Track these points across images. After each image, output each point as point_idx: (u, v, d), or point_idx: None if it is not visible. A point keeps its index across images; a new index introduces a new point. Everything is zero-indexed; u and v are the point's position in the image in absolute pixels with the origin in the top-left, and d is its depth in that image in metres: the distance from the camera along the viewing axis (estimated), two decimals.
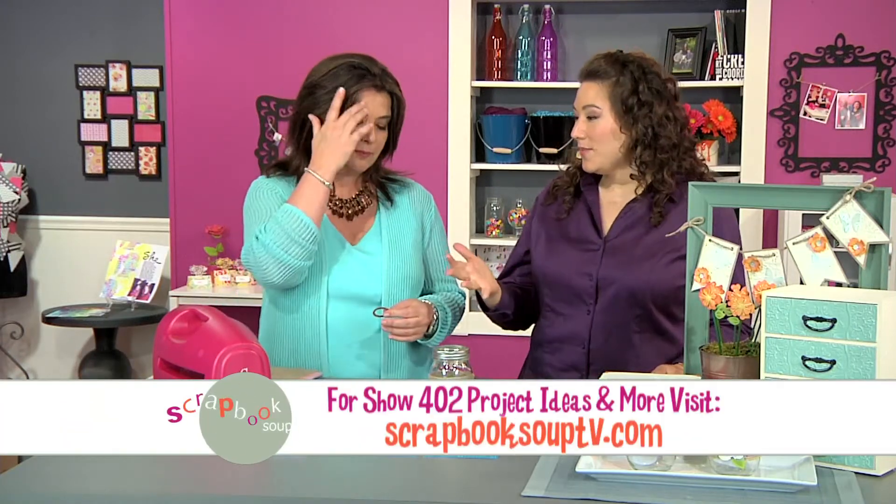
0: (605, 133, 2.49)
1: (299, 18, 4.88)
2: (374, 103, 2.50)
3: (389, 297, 2.57)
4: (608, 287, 2.50)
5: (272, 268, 2.44)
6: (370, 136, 2.50)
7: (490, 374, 2.46)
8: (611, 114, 2.49)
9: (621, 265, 2.50)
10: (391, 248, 2.61)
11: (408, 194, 2.69)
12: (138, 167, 5.51)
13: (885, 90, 4.56)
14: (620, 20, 4.82)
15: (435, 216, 2.73)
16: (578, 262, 2.54)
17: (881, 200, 2.05)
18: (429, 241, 2.70)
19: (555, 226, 2.62)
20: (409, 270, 2.61)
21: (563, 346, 2.56)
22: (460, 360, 2.19)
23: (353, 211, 2.63)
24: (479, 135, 4.82)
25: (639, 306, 2.49)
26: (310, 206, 2.44)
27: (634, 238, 2.51)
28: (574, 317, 2.54)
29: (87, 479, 1.86)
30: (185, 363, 2.17)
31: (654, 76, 2.50)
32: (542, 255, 2.62)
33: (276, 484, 1.86)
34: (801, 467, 1.79)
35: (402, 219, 2.65)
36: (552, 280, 2.58)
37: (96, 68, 5.49)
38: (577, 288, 2.53)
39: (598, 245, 2.54)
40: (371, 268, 2.58)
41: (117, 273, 5.12)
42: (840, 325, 1.85)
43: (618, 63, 2.50)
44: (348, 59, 2.54)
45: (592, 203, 2.59)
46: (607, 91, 2.49)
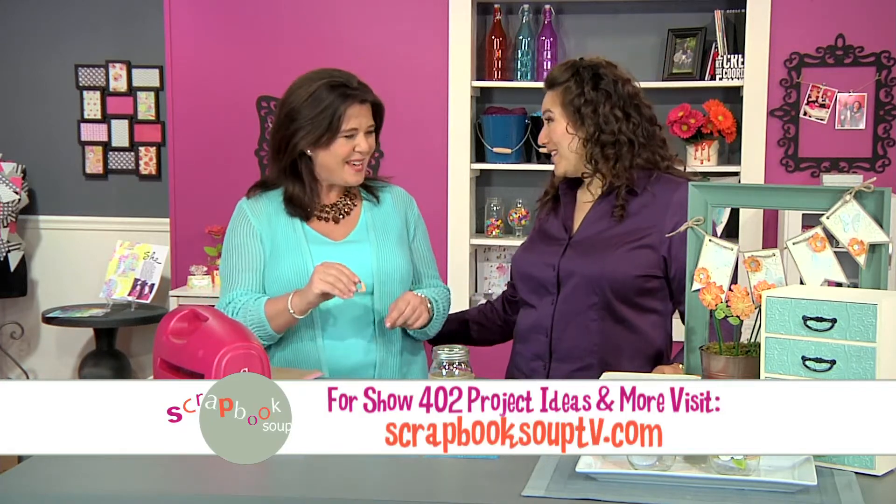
0: (558, 134, 2.65)
1: (299, 18, 4.88)
2: (360, 116, 2.60)
3: (380, 288, 2.61)
4: (569, 277, 2.60)
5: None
6: (362, 147, 2.60)
7: (490, 374, 2.46)
8: (562, 117, 2.65)
9: (580, 255, 2.60)
10: (378, 239, 2.67)
11: (390, 193, 2.77)
12: (138, 167, 5.51)
13: (885, 90, 4.56)
14: (620, 20, 4.81)
15: (418, 215, 2.80)
16: (544, 255, 2.67)
17: (881, 200, 2.05)
18: (413, 237, 2.77)
19: (537, 228, 2.79)
20: (397, 262, 2.66)
21: (530, 335, 2.66)
22: (460, 360, 2.20)
23: (338, 214, 2.69)
24: (479, 135, 4.82)
25: (596, 294, 2.56)
26: (275, 321, 2.54)
27: (597, 232, 2.62)
28: (539, 307, 2.65)
29: (87, 479, 1.86)
30: (185, 363, 2.17)
31: (604, 78, 2.63)
32: (519, 253, 2.79)
33: (276, 484, 1.86)
34: (801, 467, 1.79)
35: (386, 214, 2.72)
36: (522, 274, 2.72)
37: (96, 68, 5.49)
38: (541, 279, 2.64)
39: (564, 240, 2.66)
40: (359, 259, 2.62)
41: (117, 273, 5.12)
42: (840, 325, 1.85)
43: (570, 69, 2.66)
44: (324, 78, 2.60)
45: (566, 204, 2.72)
46: (559, 96, 2.65)
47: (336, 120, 2.56)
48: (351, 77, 2.62)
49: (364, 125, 2.60)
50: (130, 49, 5.45)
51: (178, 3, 4.96)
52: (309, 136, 2.57)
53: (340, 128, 2.56)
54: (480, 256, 4.99)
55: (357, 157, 2.60)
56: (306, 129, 2.57)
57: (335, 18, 4.85)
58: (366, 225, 2.69)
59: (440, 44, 4.75)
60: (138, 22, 5.41)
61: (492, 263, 4.98)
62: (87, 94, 5.51)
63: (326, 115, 2.56)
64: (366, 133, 2.61)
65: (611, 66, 2.68)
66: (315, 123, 2.56)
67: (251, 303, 2.56)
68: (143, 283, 5.07)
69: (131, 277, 5.09)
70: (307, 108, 2.58)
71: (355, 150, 2.59)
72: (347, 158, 2.59)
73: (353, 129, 2.58)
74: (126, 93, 5.48)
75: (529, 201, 4.86)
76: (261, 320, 2.53)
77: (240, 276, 2.62)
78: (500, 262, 4.99)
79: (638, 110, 2.64)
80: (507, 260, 4.97)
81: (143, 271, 5.09)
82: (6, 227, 5.27)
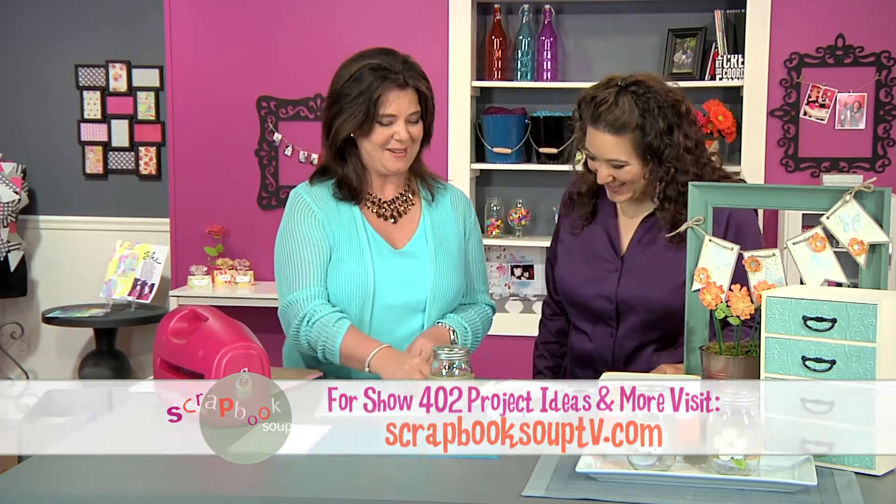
0: (633, 176, 2.45)
1: (299, 18, 4.88)
2: (400, 102, 2.46)
3: (434, 304, 2.56)
4: (629, 311, 2.51)
5: (291, 340, 2.53)
6: (401, 135, 2.47)
7: (490, 374, 2.46)
8: (637, 161, 2.43)
9: (639, 287, 2.50)
10: (437, 251, 2.57)
11: (449, 196, 2.66)
12: (138, 167, 5.51)
13: (885, 90, 4.56)
14: (620, 20, 4.81)
15: (474, 222, 2.70)
16: (597, 283, 2.55)
17: (881, 200, 2.05)
18: (467, 246, 2.67)
19: (572, 240, 2.63)
20: (452, 280, 2.58)
21: (590, 363, 2.58)
22: (460, 360, 2.19)
23: (397, 212, 2.60)
24: (479, 135, 4.82)
25: (659, 329, 2.50)
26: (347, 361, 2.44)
27: (653, 257, 2.51)
28: (598, 337, 2.57)
29: (87, 479, 1.86)
30: (185, 363, 2.17)
31: (669, 108, 2.42)
32: (563, 268, 2.64)
33: (276, 484, 1.86)
34: (801, 467, 1.79)
35: (445, 220, 2.62)
36: (573, 300, 2.61)
37: (96, 68, 5.49)
38: (598, 310, 2.55)
39: (616, 265, 2.55)
40: (416, 274, 2.55)
41: (117, 273, 5.12)
42: (840, 325, 1.85)
43: (633, 108, 2.40)
44: (368, 59, 2.48)
45: (609, 218, 2.59)
46: (629, 142, 2.41)
47: (373, 105, 2.43)
48: (396, 59, 2.48)
49: (405, 111, 2.46)
50: (130, 49, 5.45)
51: (178, 3, 4.96)
52: (349, 120, 2.46)
53: (378, 113, 2.44)
54: None
55: (396, 145, 2.47)
56: (346, 113, 2.46)
57: (335, 18, 4.85)
58: (425, 232, 2.59)
59: (440, 44, 4.75)
60: (138, 22, 5.40)
61: (492, 263, 4.98)
62: (87, 94, 5.51)
63: (364, 100, 2.44)
64: (407, 120, 2.47)
65: (660, 83, 2.46)
66: (354, 107, 2.45)
67: (331, 325, 2.44)
68: (143, 283, 5.07)
69: (131, 277, 5.09)
70: (348, 89, 2.46)
71: (393, 139, 2.46)
72: (386, 145, 2.47)
73: (391, 116, 2.45)
74: (126, 93, 5.48)
75: (529, 201, 4.87)
76: (333, 351, 2.43)
77: (307, 273, 2.49)
78: (500, 262, 4.99)
79: (695, 129, 2.48)
80: (507, 260, 4.98)
81: (143, 271, 5.09)
82: (6, 227, 5.27)
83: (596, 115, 2.43)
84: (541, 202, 4.91)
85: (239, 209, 5.03)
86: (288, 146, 4.95)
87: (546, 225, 4.93)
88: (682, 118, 2.45)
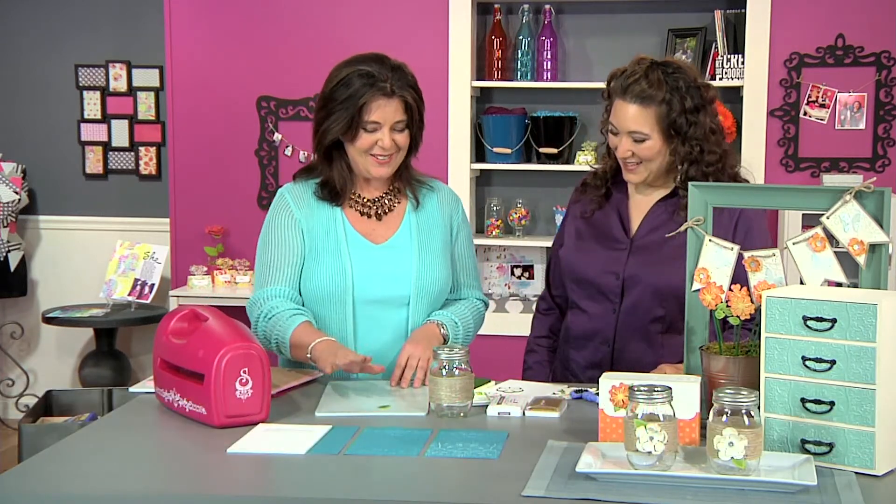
0: (652, 153, 2.49)
1: (299, 18, 4.88)
2: (385, 110, 2.47)
3: (418, 299, 2.55)
4: (634, 286, 2.53)
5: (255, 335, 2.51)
6: (385, 143, 2.48)
7: (490, 374, 2.47)
8: (659, 137, 2.47)
9: (646, 264, 2.53)
10: (420, 246, 2.58)
11: (436, 195, 2.67)
12: (138, 167, 5.51)
13: (885, 90, 4.56)
14: (620, 20, 4.82)
15: (462, 218, 2.70)
16: (605, 260, 2.57)
17: (881, 200, 2.05)
18: (455, 242, 2.67)
19: (583, 222, 2.65)
20: (437, 274, 2.57)
21: (589, 343, 2.59)
22: (460, 360, 2.19)
23: (382, 210, 2.60)
24: (479, 135, 4.82)
25: (662, 307, 2.51)
26: (295, 354, 2.44)
27: (663, 238, 2.51)
28: (599, 315, 2.58)
29: (87, 479, 1.86)
30: (185, 363, 2.17)
31: (695, 89, 2.47)
32: (570, 250, 2.66)
33: (276, 484, 1.86)
34: (801, 467, 1.79)
35: (431, 219, 2.62)
36: (579, 277, 2.62)
37: (96, 68, 5.49)
38: (603, 286, 2.56)
39: (626, 244, 2.57)
40: (397, 267, 2.55)
41: (117, 273, 5.12)
42: (840, 325, 1.85)
43: (662, 83, 2.45)
44: (359, 65, 2.49)
45: (620, 200, 2.62)
46: (653, 115, 2.46)
47: (358, 111, 2.45)
48: (385, 67, 2.49)
49: (390, 119, 2.47)
50: (130, 49, 5.45)
51: (178, 3, 4.97)
52: (335, 124, 2.48)
53: (362, 119, 2.46)
54: (480, 256, 4.98)
55: (380, 152, 2.49)
56: (333, 116, 2.48)
57: (335, 18, 4.86)
58: (409, 228, 2.59)
59: (440, 44, 4.75)
60: (138, 22, 5.41)
61: (492, 263, 4.98)
62: (87, 94, 5.51)
63: (349, 105, 2.46)
64: (392, 128, 2.49)
65: (692, 69, 2.52)
66: (340, 112, 2.47)
67: (285, 319, 2.45)
68: (143, 283, 5.07)
69: (131, 277, 5.09)
70: (336, 93, 2.49)
71: (377, 145, 2.48)
72: (370, 151, 2.49)
73: (375, 123, 2.47)
74: (126, 93, 5.48)
75: (529, 201, 4.87)
76: (284, 342, 2.44)
77: (277, 272, 2.53)
78: (500, 261, 4.99)
79: (717, 116, 2.51)
80: (507, 260, 4.98)
81: (143, 271, 5.09)
82: (6, 227, 5.27)
83: (625, 87, 2.48)
84: (541, 202, 4.92)
85: (239, 209, 5.03)
86: (288, 146, 4.96)
87: (546, 225, 4.93)
88: (708, 104, 2.49)
